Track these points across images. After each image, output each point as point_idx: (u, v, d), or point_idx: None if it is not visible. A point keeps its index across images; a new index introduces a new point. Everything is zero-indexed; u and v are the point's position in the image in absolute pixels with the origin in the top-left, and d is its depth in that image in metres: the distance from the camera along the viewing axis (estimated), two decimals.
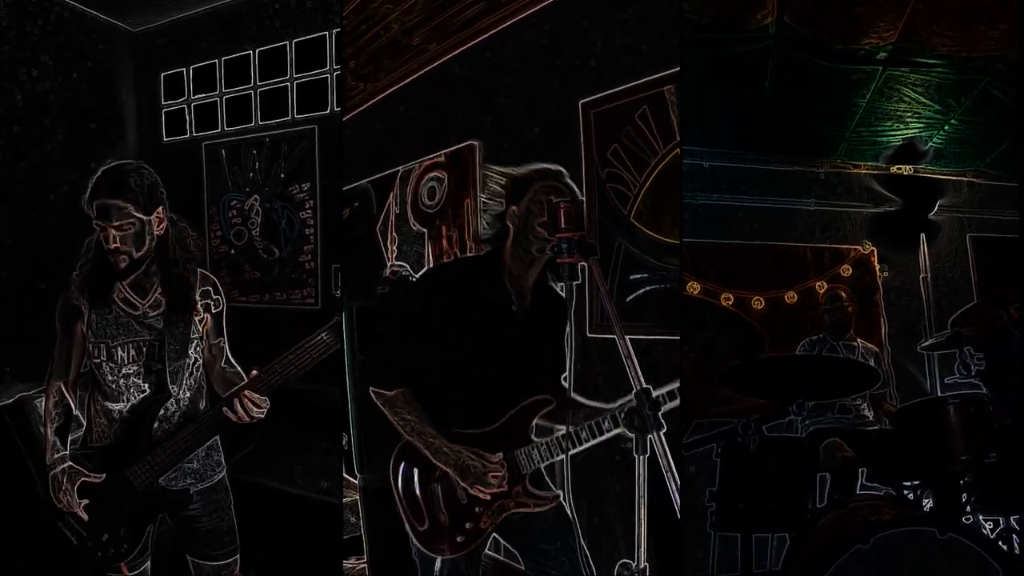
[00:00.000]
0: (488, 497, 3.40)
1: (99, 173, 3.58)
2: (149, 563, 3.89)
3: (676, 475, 2.78)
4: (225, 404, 3.56)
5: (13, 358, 5.87)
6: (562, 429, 3.40)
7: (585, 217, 3.70)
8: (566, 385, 3.59)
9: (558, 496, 3.52)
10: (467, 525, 3.43)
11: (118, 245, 3.53)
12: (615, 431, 3.27)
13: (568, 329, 3.52)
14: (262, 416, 3.55)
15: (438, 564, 3.48)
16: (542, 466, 3.48)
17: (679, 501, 2.82)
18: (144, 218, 3.56)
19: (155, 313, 3.70)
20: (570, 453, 3.36)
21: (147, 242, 3.61)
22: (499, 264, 3.54)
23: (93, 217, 3.55)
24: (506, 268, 3.53)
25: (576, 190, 3.59)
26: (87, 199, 3.55)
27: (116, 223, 3.51)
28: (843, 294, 6.45)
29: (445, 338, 3.46)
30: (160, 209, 3.62)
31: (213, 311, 3.82)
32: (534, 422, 3.55)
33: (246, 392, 3.52)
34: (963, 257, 7.49)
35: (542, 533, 3.55)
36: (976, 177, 7.50)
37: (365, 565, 5.38)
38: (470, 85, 6.11)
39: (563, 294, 3.56)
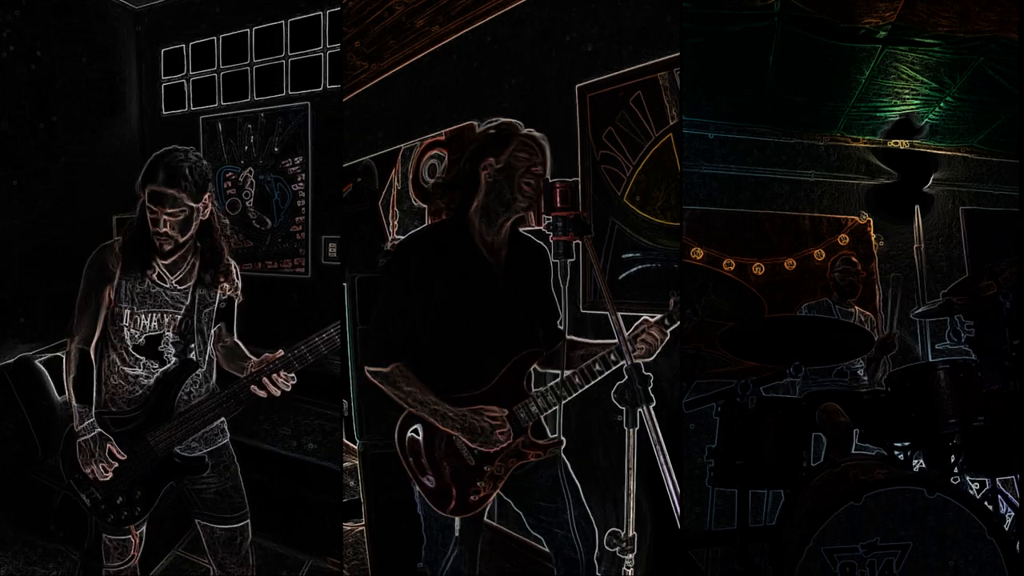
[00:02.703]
0: (497, 450, 3.44)
1: (154, 158, 3.62)
2: (145, 525, 3.94)
3: (665, 447, 2.86)
4: (253, 381, 3.64)
5: (20, 321, 5.98)
6: (557, 376, 3.46)
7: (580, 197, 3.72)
8: (561, 328, 3.69)
9: (561, 441, 3.57)
10: (478, 483, 3.47)
11: (167, 230, 3.60)
12: (608, 371, 3.34)
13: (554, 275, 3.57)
14: (288, 390, 3.65)
15: (457, 523, 3.54)
16: (542, 417, 3.51)
17: (672, 476, 2.89)
18: (194, 205, 3.64)
19: (182, 288, 3.78)
20: (566, 400, 3.46)
21: (192, 227, 3.69)
22: (466, 224, 3.55)
23: (144, 201, 3.60)
24: (475, 229, 3.54)
25: (545, 147, 3.60)
26: (140, 182, 3.60)
27: (170, 210, 3.58)
28: (855, 259, 6.56)
29: (428, 306, 3.47)
30: (207, 196, 3.70)
31: (233, 295, 3.91)
32: (529, 373, 3.57)
33: (277, 371, 3.62)
34: (955, 229, 7.59)
35: (542, 493, 3.60)
36: (970, 152, 7.58)
37: (364, 528, 5.38)
38: (471, 67, 6.10)
39: (539, 242, 3.63)
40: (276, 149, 6.61)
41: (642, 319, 3.48)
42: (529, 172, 3.51)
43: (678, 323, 3.51)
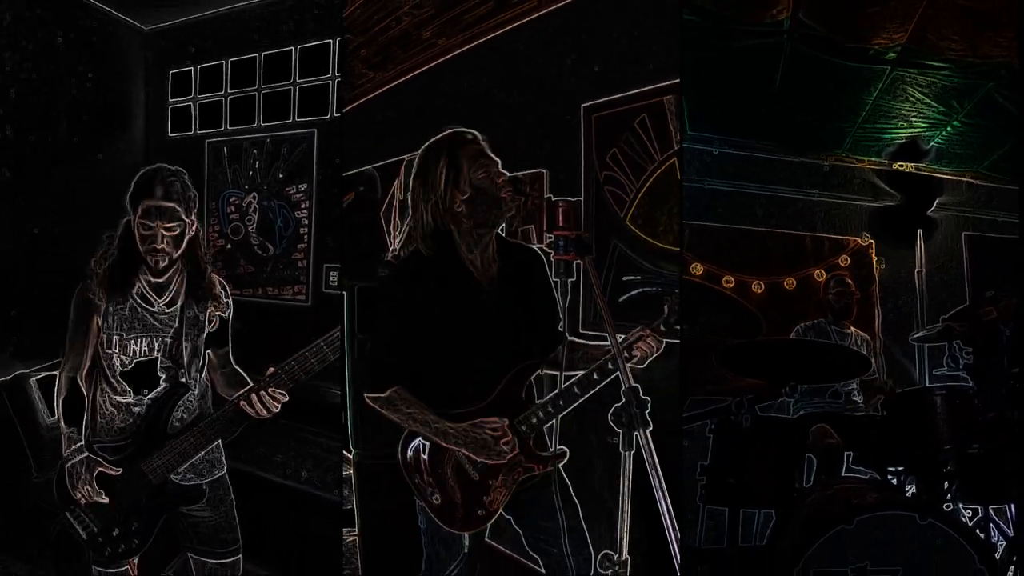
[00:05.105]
0: (502, 463, 3.39)
1: (145, 174, 3.64)
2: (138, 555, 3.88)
3: (660, 472, 2.79)
4: (243, 399, 3.60)
5: (17, 338, 5.90)
6: (555, 387, 3.43)
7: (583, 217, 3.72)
8: (561, 331, 3.64)
9: (565, 452, 3.52)
10: (484, 498, 3.43)
11: (164, 246, 3.60)
12: (605, 381, 3.30)
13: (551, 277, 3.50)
14: (278, 410, 3.60)
15: (467, 539, 3.53)
16: (544, 429, 3.49)
17: (667, 501, 2.81)
18: (186, 220, 3.64)
19: (170, 310, 3.75)
20: (565, 412, 3.42)
21: (183, 244, 3.68)
22: (452, 246, 3.45)
23: (136, 217, 3.61)
24: (462, 252, 3.45)
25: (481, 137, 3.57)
26: (133, 197, 3.62)
27: (168, 224, 3.59)
28: (849, 280, 6.51)
29: (423, 329, 3.40)
30: (194, 214, 3.70)
31: (223, 314, 3.88)
32: (529, 384, 3.54)
33: (267, 387, 3.59)
34: (958, 254, 7.56)
35: (542, 512, 3.56)
36: (975, 178, 7.55)
37: (356, 537, 5.41)
38: (477, 81, 6.07)
39: (531, 247, 3.63)
40: (281, 175, 6.58)
41: (640, 325, 3.44)
42: (497, 184, 3.43)
43: (676, 327, 3.49)
